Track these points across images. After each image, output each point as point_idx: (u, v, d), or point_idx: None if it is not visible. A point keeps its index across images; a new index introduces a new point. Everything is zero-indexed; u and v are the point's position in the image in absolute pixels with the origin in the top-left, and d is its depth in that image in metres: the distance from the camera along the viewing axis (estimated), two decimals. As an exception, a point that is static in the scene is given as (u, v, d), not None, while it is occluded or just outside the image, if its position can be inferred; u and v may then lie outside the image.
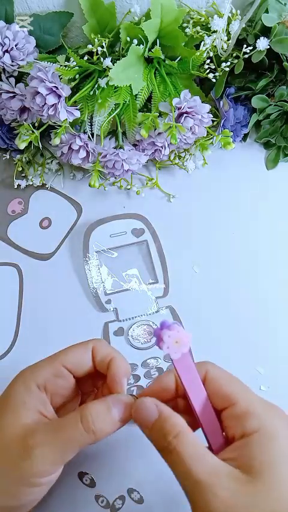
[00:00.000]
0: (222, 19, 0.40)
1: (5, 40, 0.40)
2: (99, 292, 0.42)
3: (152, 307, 0.42)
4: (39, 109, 0.38)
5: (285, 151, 0.47)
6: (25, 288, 0.43)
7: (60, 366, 0.30)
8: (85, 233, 0.44)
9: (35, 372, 0.29)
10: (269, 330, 0.41)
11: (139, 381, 0.39)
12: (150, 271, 0.43)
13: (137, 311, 0.41)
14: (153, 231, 0.44)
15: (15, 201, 0.47)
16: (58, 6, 0.44)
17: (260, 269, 0.43)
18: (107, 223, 0.44)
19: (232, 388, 0.27)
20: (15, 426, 0.27)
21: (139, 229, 0.44)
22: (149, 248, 0.43)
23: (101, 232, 0.44)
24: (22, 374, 0.30)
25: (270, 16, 0.41)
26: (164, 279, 0.42)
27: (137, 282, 0.42)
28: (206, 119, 0.41)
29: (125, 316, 0.41)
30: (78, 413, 0.27)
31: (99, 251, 0.43)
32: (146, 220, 0.44)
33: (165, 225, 0.44)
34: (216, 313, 0.41)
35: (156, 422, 0.26)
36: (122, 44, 0.42)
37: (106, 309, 0.42)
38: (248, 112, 0.46)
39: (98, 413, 0.27)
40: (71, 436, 0.26)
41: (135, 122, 0.43)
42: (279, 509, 0.23)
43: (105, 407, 0.27)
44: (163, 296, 0.42)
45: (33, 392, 0.29)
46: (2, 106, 0.43)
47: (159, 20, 0.40)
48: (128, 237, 0.44)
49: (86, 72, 0.41)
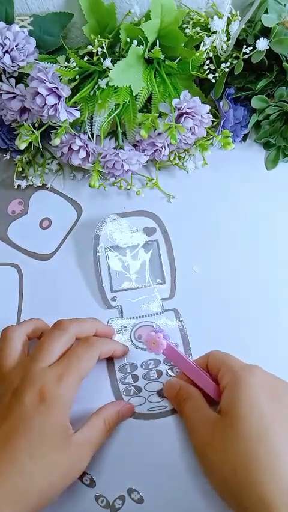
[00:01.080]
0: (222, 20, 0.40)
1: (5, 41, 0.40)
2: (105, 288, 0.42)
3: (157, 308, 0.42)
4: (39, 109, 0.38)
5: (285, 151, 0.47)
6: (25, 288, 0.43)
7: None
8: (96, 228, 0.43)
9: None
10: (270, 330, 0.41)
11: (137, 382, 0.39)
12: (158, 271, 0.43)
13: (142, 311, 0.41)
14: (165, 231, 0.44)
15: (15, 201, 0.47)
16: (58, 7, 0.44)
17: (260, 269, 0.43)
18: (119, 219, 0.44)
19: (220, 359, 0.35)
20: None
21: (151, 228, 0.44)
22: (159, 248, 0.43)
23: (112, 228, 0.44)
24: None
25: (269, 17, 0.41)
26: (172, 281, 0.42)
27: (144, 281, 0.42)
28: (205, 119, 0.41)
29: (130, 315, 0.41)
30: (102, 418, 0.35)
31: (109, 247, 0.43)
32: (159, 220, 0.44)
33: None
34: (217, 313, 0.41)
35: (177, 392, 0.36)
36: (122, 45, 0.42)
37: (111, 305, 0.42)
38: (247, 113, 0.46)
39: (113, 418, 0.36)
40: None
41: (135, 123, 0.43)
42: (237, 442, 0.30)
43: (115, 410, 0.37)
44: (169, 298, 0.42)
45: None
46: (2, 106, 0.43)
47: (159, 21, 0.40)
48: (140, 235, 0.43)
49: (86, 73, 0.42)
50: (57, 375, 0.33)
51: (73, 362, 0.34)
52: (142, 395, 0.38)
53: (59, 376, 0.33)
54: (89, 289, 0.43)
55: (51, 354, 0.34)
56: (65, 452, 0.32)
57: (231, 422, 0.31)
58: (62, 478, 0.31)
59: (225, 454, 0.30)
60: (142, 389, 0.39)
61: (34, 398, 0.32)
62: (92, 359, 0.35)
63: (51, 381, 0.32)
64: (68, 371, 0.33)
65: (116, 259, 0.43)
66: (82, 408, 0.36)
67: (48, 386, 0.32)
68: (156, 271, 0.43)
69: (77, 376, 0.34)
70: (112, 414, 0.36)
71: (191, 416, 0.34)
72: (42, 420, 0.31)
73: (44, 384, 0.32)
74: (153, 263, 0.43)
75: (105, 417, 0.35)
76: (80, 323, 0.37)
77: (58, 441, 0.31)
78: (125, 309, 0.42)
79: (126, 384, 0.39)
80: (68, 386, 0.33)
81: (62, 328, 0.36)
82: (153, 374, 0.39)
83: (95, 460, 0.36)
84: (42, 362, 0.34)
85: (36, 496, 0.30)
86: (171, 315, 0.41)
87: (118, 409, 0.36)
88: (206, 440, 0.32)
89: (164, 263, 0.43)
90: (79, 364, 0.34)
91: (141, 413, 0.38)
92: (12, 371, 0.35)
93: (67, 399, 0.33)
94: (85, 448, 0.33)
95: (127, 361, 0.40)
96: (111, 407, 0.36)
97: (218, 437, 0.31)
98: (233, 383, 0.32)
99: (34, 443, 0.31)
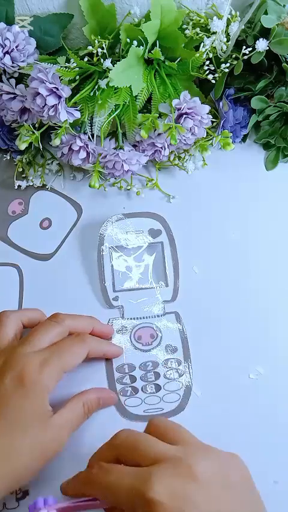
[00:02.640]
0: (222, 21, 0.41)
1: (6, 42, 0.40)
2: (107, 287, 0.42)
3: (159, 311, 0.41)
4: (39, 109, 0.38)
5: (284, 151, 0.47)
6: (25, 288, 0.43)
7: None
8: (102, 227, 0.43)
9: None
10: (271, 336, 0.40)
11: (135, 383, 0.39)
12: (161, 273, 0.43)
13: (143, 312, 0.41)
14: (170, 234, 0.44)
15: (15, 202, 0.47)
16: (58, 8, 0.44)
17: (260, 269, 0.43)
18: (125, 220, 0.44)
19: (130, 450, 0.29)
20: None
21: (156, 230, 0.44)
22: (163, 250, 0.43)
23: (117, 228, 0.44)
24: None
25: (269, 17, 0.41)
26: (174, 284, 0.42)
27: (147, 282, 0.42)
28: (205, 120, 0.41)
29: (130, 316, 0.41)
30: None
31: (113, 246, 0.43)
32: (164, 222, 0.44)
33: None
34: (218, 317, 0.41)
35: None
36: (122, 46, 0.42)
37: (113, 305, 0.42)
38: (247, 113, 0.46)
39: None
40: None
41: (135, 123, 0.43)
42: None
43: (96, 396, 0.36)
44: (171, 300, 0.42)
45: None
46: (3, 107, 0.43)
47: (159, 22, 0.40)
48: (144, 237, 0.43)
49: (86, 73, 0.42)
50: (40, 360, 0.33)
51: (58, 352, 0.34)
52: (139, 396, 0.38)
53: (41, 362, 0.33)
54: (89, 289, 0.43)
55: (40, 342, 0.34)
56: (43, 433, 0.32)
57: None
58: (38, 459, 0.32)
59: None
60: (139, 390, 0.39)
61: (14, 380, 0.32)
62: (79, 354, 0.35)
63: (33, 366, 0.33)
64: (51, 360, 0.33)
65: (120, 259, 0.43)
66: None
67: (29, 369, 0.32)
68: (160, 273, 0.43)
69: (60, 366, 0.34)
70: (92, 400, 0.36)
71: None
72: (21, 402, 0.32)
73: (24, 367, 0.32)
74: (157, 265, 0.43)
75: (85, 401, 0.35)
76: (75, 319, 0.37)
77: (35, 423, 0.32)
78: (126, 310, 0.42)
79: (124, 384, 0.39)
80: (48, 373, 0.33)
81: (57, 320, 0.36)
82: (151, 376, 0.39)
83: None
84: (29, 347, 0.34)
85: (11, 476, 0.30)
86: (172, 317, 0.41)
87: (99, 396, 0.36)
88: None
89: (167, 266, 0.43)
90: (64, 355, 0.34)
91: (137, 414, 0.38)
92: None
93: (45, 387, 0.33)
94: (63, 430, 0.33)
95: (125, 361, 0.40)
96: (92, 392, 0.36)
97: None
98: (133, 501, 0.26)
99: (11, 423, 0.31)
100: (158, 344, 0.40)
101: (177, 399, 0.38)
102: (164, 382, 0.39)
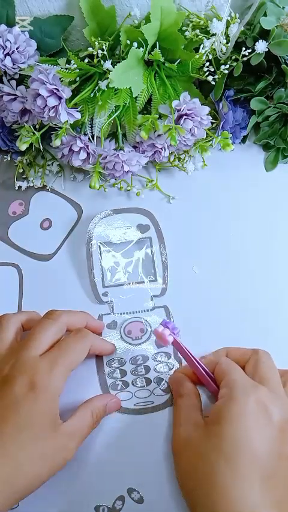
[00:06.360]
0: (221, 22, 0.41)
1: (7, 43, 0.40)
2: (97, 283, 0.42)
3: (148, 305, 0.42)
4: (40, 110, 0.39)
5: (284, 152, 0.47)
6: (25, 288, 0.44)
7: None
8: (91, 223, 0.44)
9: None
10: (260, 331, 0.41)
11: (125, 377, 0.39)
12: (150, 268, 0.43)
13: (132, 307, 0.42)
14: (158, 229, 0.44)
15: (16, 202, 0.48)
16: (59, 9, 0.44)
17: (259, 270, 0.43)
18: (113, 215, 0.44)
19: (226, 369, 0.35)
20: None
21: (144, 225, 0.44)
22: (152, 245, 0.43)
23: (106, 224, 0.44)
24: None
25: (268, 19, 0.41)
26: (164, 278, 0.43)
27: (136, 277, 0.43)
28: (205, 121, 0.41)
29: (120, 311, 0.42)
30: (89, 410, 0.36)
31: (102, 242, 0.43)
32: (152, 218, 0.44)
33: (165, 226, 0.44)
34: (210, 314, 0.41)
35: (178, 386, 0.37)
36: (122, 47, 0.42)
37: (102, 300, 0.42)
38: (247, 114, 0.46)
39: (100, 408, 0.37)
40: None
41: (135, 124, 0.43)
42: (207, 456, 0.30)
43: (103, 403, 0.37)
44: (160, 295, 0.42)
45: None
46: (3, 108, 0.43)
47: (158, 23, 0.40)
48: (133, 232, 0.44)
49: (87, 74, 0.42)
50: (48, 365, 0.33)
51: (64, 352, 0.34)
52: (129, 389, 0.39)
53: (50, 366, 0.33)
54: (89, 290, 0.43)
55: (42, 343, 0.35)
56: (52, 441, 0.32)
57: (209, 436, 0.31)
58: (49, 467, 0.32)
59: (194, 460, 0.31)
60: (129, 384, 0.39)
61: (24, 387, 0.32)
62: (83, 350, 0.36)
63: (42, 371, 0.33)
64: (59, 361, 0.34)
65: (109, 255, 0.43)
66: (69, 401, 0.36)
67: (39, 375, 0.32)
68: (149, 268, 0.43)
69: (68, 367, 0.34)
70: (99, 407, 0.36)
71: (180, 413, 0.35)
72: (31, 409, 0.31)
73: (34, 374, 0.32)
74: (146, 260, 0.43)
75: (93, 410, 0.35)
76: (71, 315, 0.37)
77: (46, 430, 0.32)
78: (116, 305, 0.42)
79: (114, 378, 0.39)
80: (58, 376, 0.33)
81: (53, 317, 0.36)
82: (141, 370, 0.39)
83: (95, 459, 0.36)
84: (34, 350, 0.34)
85: (22, 485, 0.30)
86: (162, 312, 0.41)
87: (105, 403, 0.37)
88: (182, 439, 0.33)
89: (156, 260, 0.43)
90: (70, 355, 0.34)
91: (127, 407, 0.38)
92: (2, 357, 0.35)
93: (56, 389, 0.33)
94: (73, 439, 0.33)
95: (116, 356, 0.40)
96: (99, 400, 0.37)
97: (194, 442, 0.32)
98: (226, 400, 0.32)
99: (22, 431, 0.31)
100: (148, 338, 0.40)
101: (167, 392, 0.38)
102: (154, 375, 0.39)
